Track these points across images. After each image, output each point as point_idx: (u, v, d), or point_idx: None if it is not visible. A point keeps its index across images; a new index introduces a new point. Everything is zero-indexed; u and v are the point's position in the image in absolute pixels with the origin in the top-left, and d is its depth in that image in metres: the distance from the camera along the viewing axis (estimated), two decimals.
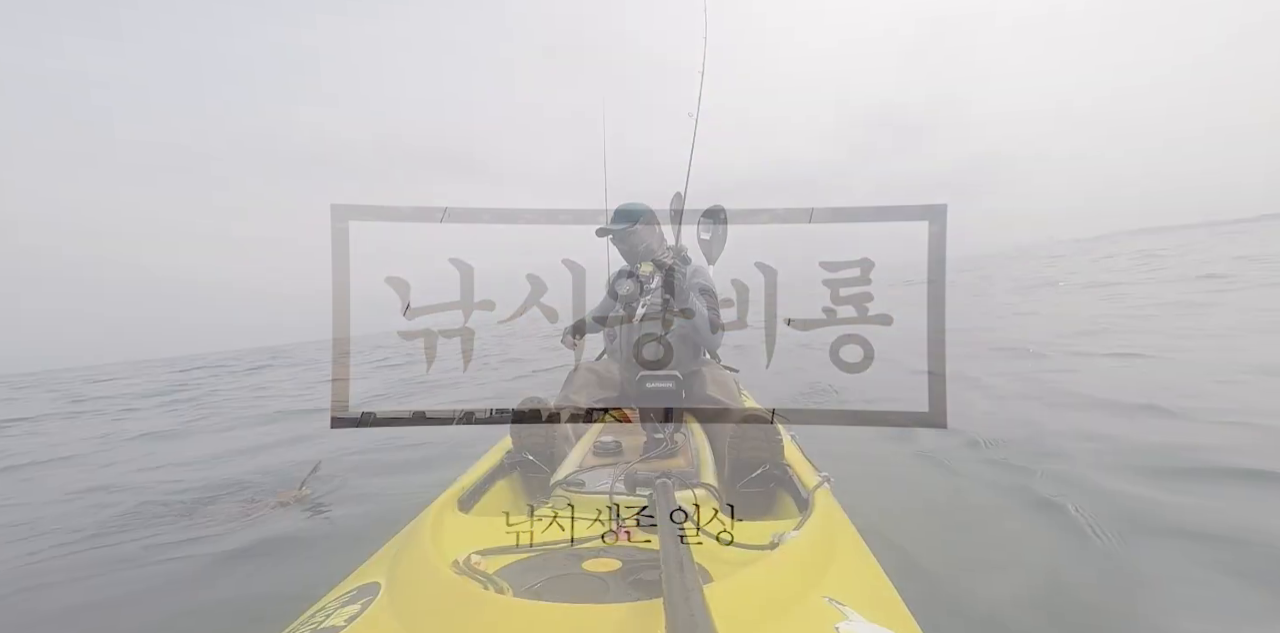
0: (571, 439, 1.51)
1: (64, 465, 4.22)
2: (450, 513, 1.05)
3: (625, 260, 2.14)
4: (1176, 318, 5.36)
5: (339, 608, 0.73)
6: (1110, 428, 2.50)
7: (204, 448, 4.30)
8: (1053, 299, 9.13)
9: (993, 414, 2.95)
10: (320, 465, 2.80)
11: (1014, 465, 2.18)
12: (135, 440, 5.11)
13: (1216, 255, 13.69)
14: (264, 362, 18.92)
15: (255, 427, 5.22)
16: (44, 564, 2.12)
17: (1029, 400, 3.15)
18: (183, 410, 7.28)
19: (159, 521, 2.49)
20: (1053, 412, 2.87)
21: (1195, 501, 1.74)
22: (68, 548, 2.25)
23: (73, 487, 3.33)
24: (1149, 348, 4.07)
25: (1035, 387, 3.40)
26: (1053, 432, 2.52)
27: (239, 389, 9.79)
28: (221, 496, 2.77)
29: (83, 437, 5.62)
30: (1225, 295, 6.46)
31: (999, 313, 7.73)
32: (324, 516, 2.40)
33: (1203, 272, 9.48)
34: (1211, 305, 5.79)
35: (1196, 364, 3.53)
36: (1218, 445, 2.15)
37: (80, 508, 2.84)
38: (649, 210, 2.15)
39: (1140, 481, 1.93)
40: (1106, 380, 3.34)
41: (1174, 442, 2.25)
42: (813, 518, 0.92)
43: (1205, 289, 7.27)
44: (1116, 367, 3.71)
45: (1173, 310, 5.83)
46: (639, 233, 2.08)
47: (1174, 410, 2.60)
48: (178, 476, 3.38)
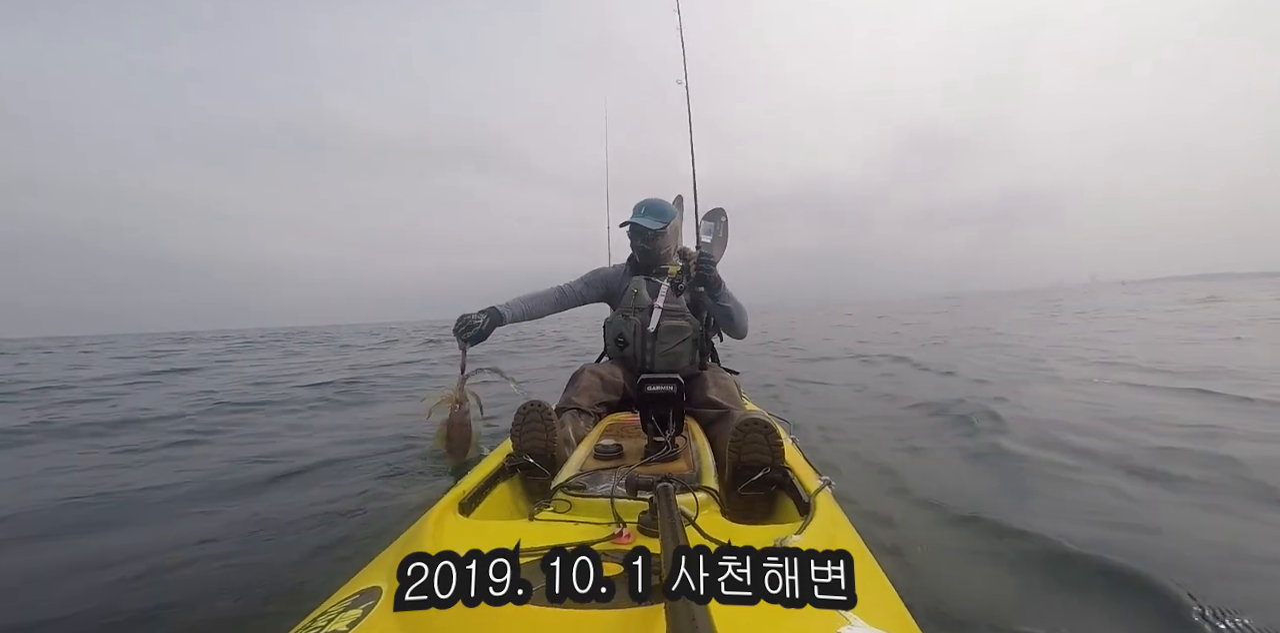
0: (572, 442, 1.51)
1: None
2: (451, 517, 1.05)
3: (641, 259, 2.10)
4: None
5: (341, 612, 0.73)
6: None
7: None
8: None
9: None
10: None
11: None
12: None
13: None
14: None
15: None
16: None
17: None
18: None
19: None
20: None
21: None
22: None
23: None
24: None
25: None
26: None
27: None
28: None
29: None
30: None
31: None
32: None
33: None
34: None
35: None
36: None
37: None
38: (675, 211, 2.13)
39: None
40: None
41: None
42: (814, 522, 0.92)
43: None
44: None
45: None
46: (669, 234, 2.06)
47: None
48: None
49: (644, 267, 2.11)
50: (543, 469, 1.36)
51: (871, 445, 2.72)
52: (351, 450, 2.98)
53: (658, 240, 2.03)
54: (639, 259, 2.11)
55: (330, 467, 2.69)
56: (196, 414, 4.44)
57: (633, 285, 2.04)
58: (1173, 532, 1.60)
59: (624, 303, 2.05)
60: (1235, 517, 1.70)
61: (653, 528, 0.89)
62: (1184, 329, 8.39)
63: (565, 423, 1.56)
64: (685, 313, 2.01)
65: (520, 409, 1.40)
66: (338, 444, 3.19)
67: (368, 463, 2.72)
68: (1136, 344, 6.73)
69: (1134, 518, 1.70)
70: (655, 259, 2.07)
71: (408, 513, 1.86)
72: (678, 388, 1.35)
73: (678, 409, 1.37)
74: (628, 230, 2.06)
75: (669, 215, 2.05)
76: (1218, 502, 1.81)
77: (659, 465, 1.27)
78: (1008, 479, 2.14)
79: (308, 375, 7.33)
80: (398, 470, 2.56)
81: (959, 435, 2.82)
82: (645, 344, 1.98)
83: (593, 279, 2.18)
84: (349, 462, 2.75)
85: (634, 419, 1.69)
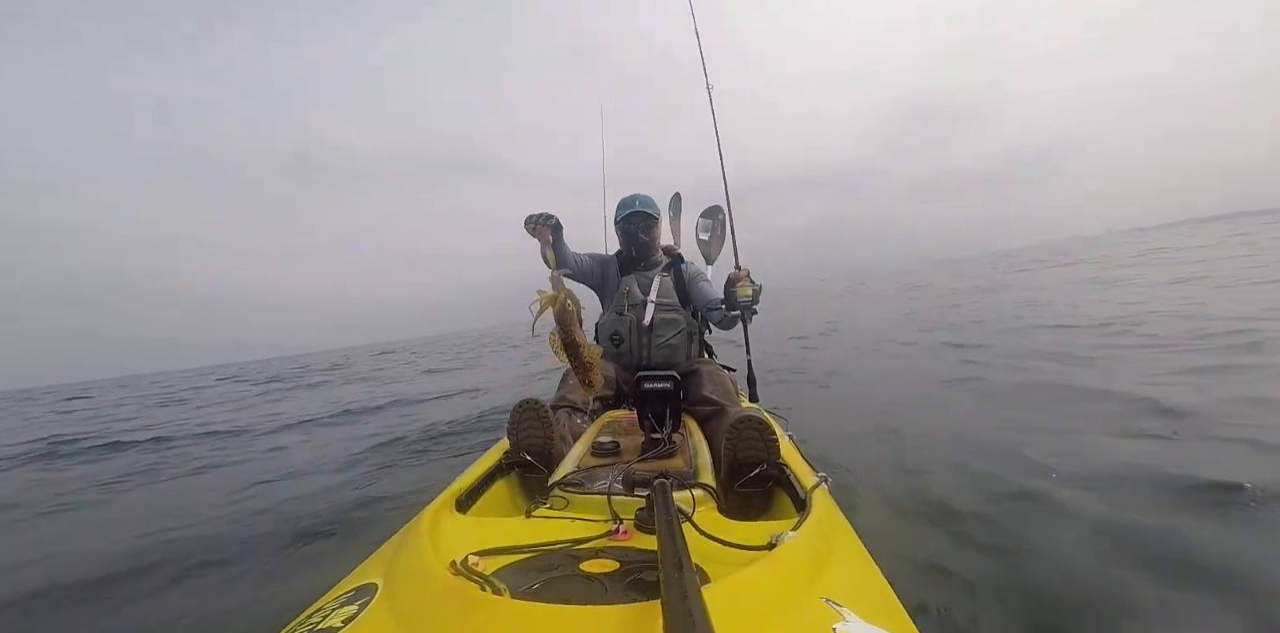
0: (569, 440, 1.51)
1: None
2: (447, 514, 1.05)
3: (638, 251, 2.14)
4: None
5: (336, 609, 0.73)
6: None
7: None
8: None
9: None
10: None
11: None
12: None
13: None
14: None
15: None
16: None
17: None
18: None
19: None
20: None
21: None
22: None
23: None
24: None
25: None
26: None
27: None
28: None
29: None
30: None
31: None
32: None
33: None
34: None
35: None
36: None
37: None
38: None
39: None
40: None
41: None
42: (810, 518, 0.93)
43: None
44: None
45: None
46: (658, 226, 2.14)
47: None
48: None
49: (636, 259, 2.14)
50: (540, 466, 1.36)
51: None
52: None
53: (654, 229, 2.10)
54: (635, 252, 2.14)
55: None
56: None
57: (624, 284, 2.07)
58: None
59: (616, 301, 2.07)
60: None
61: (650, 525, 0.90)
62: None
63: (560, 420, 1.56)
64: (677, 306, 2.04)
65: (516, 407, 1.40)
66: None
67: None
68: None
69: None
70: (649, 250, 2.12)
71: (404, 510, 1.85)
72: (675, 385, 1.35)
73: (675, 406, 1.37)
74: (626, 223, 2.09)
75: (658, 208, 2.13)
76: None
77: (656, 462, 1.27)
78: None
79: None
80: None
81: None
82: (641, 339, 2.00)
83: (595, 258, 2.21)
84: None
85: (631, 416, 1.69)
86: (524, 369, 8.80)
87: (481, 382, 7.50)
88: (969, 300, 9.52)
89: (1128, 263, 13.04)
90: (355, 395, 7.60)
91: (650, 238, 2.10)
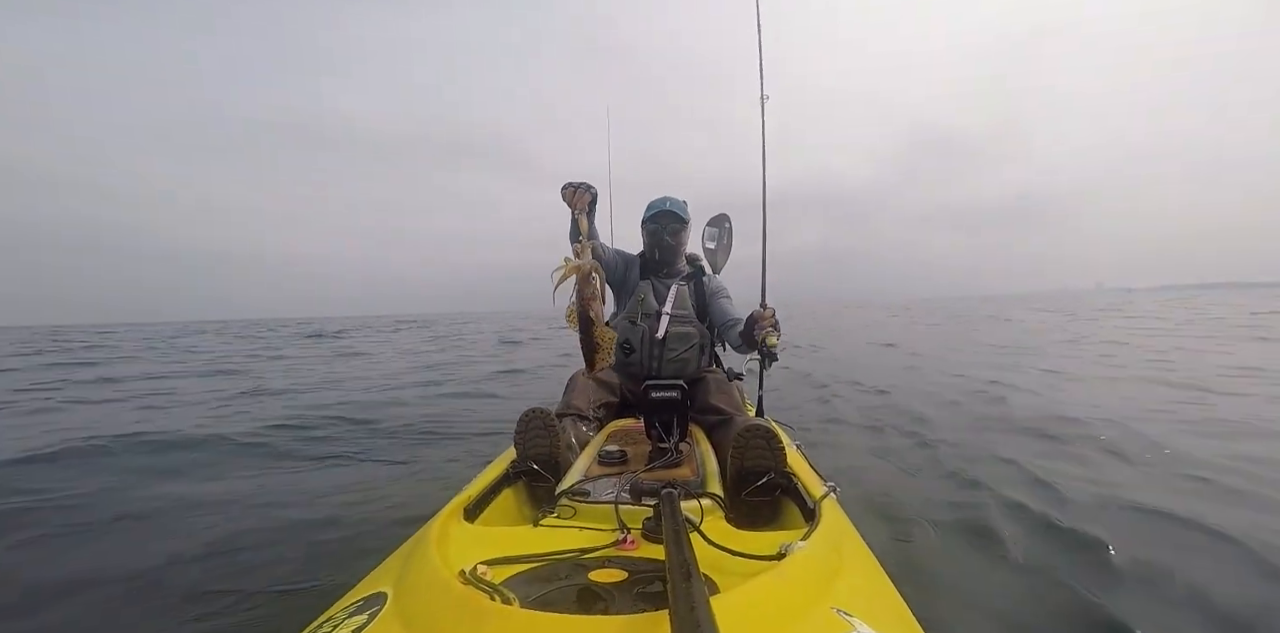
0: (575, 448, 1.51)
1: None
2: (456, 523, 1.05)
3: (662, 254, 2.03)
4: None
5: (346, 618, 0.73)
6: None
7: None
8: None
9: None
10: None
11: None
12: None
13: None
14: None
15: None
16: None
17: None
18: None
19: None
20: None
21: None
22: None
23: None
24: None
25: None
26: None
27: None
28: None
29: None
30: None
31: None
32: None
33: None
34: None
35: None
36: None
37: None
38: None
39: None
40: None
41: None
42: (819, 528, 0.92)
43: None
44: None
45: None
46: (686, 231, 2.04)
47: None
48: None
49: (658, 264, 2.05)
50: (547, 475, 1.36)
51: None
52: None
53: (681, 234, 2.00)
54: (659, 255, 2.03)
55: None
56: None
57: (640, 290, 1.99)
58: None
59: (630, 308, 2.00)
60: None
61: (657, 534, 0.89)
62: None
63: (566, 428, 1.56)
64: (692, 319, 1.98)
65: (523, 416, 1.40)
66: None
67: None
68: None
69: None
70: (673, 255, 2.03)
71: (411, 520, 1.85)
72: (682, 394, 1.35)
73: (682, 415, 1.37)
74: (653, 222, 1.98)
75: (688, 212, 2.02)
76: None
77: (663, 472, 1.27)
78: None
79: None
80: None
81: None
82: (653, 351, 1.96)
83: (621, 254, 2.10)
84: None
85: (638, 425, 1.69)
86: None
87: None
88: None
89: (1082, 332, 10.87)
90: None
91: (676, 242, 2.00)
